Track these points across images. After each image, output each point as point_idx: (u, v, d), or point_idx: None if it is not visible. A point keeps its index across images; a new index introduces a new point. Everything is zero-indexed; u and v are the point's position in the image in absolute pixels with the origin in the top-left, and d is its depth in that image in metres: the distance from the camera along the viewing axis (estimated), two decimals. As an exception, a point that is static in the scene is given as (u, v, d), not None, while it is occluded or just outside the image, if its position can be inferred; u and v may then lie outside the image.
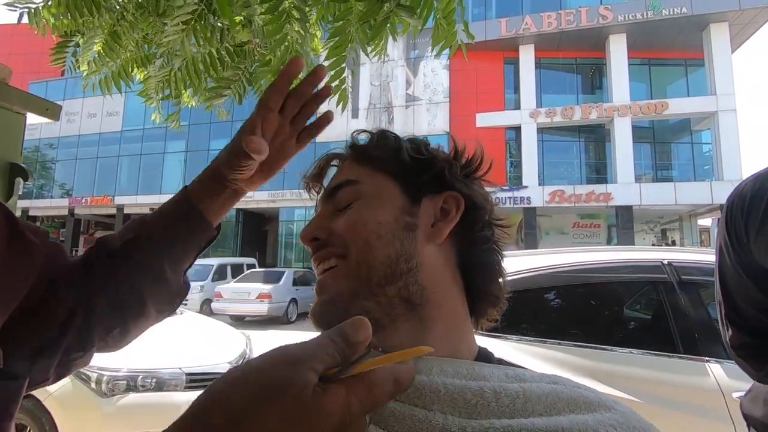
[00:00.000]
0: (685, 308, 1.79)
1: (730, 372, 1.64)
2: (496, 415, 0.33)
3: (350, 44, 1.25)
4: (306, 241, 0.47)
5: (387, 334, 0.40)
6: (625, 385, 1.67)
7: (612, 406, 0.35)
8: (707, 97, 15.39)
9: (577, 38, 16.47)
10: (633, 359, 1.76)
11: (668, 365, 1.73)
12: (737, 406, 1.58)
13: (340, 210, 0.46)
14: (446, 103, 17.46)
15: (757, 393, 0.76)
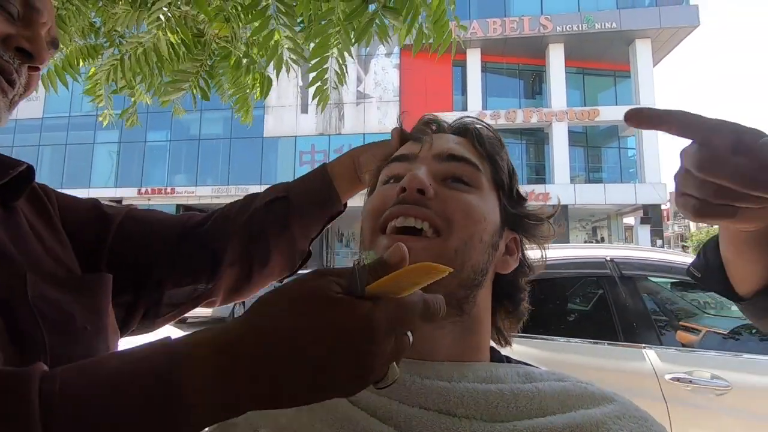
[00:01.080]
0: (625, 300, 1.96)
1: (662, 356, 1.83)
2: (517, 417, 0.35)
3: (334, 45, 1.23)
4: (411, 187, 0.39)
5: (430, 331, 0.40)
6: (571, 373, 1.80)
7: (612, 398, 0.38)
8: (632, 106, 16.77)
9: (520, 45, 17.29)
10: (579, 348, 1.90)
11: (610, 352, 1.88)
12: (669, 387, 1.77)
13: (454, 181, 0.42)
14: (396, 102, 17.63)
15: None
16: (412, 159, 0.44)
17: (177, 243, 0.56)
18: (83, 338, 0.40)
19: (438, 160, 0.43)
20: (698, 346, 2.21)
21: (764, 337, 2.27)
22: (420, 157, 0.44)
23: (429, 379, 0.37)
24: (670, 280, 2.37)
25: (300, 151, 17.85)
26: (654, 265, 2.16)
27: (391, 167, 0.45)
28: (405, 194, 0.39)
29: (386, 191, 0.43)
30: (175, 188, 18.37)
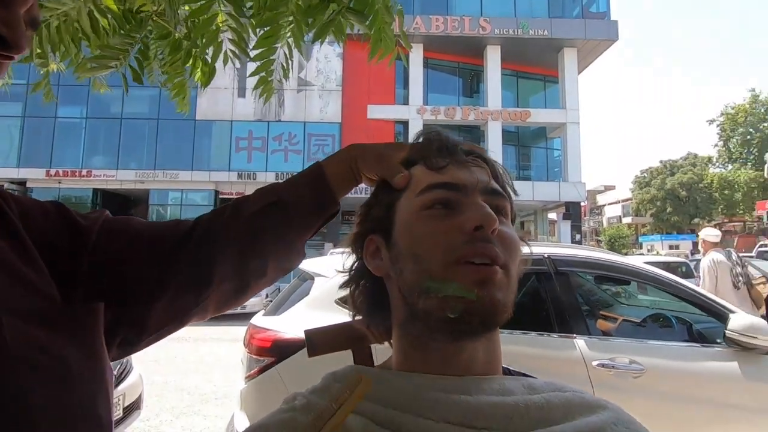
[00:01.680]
0: (560, 294, 2.13)
1: (590, 345, 2.02)
2: (531, 427, 0.38)
3: (283, 38, 1.18)
4: (489, 226, 0.40)
5: (470, 345, 0.42)
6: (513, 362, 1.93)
7: (605, 405, 0.43)
8: (559, 110, 18.09)
9: (460, 44, 17.83)
10: (519, 339, 2.04)
11: (546, 343, 2.05)
12: (596, 372, 1.96)
13: (497, 214, 0.42)
14: (339, 92, 17.42)
15: None
16: (463, 190, 0.44)
17: (166, 260, 0.50)
18: (81, 387, 0.34)
19: (485, 193, 0.44)
20: (615, 333, 2.47)
21: (665, 325, 2.59)
22: (469, 189, 0.44)
23: (453, 394, 0.39)
24: (594, 273, 2.62)
25: (236, 136, 17.02)
26: (583, 261, 2.37)
27: (432, 194, 0.44)
28: (482, 233, 0.40)
29: (445, 221, 0.43)
30: (92, 171, 16.69)
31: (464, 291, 0.39)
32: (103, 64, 1.35)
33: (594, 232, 37.64)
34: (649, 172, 30.86)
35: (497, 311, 0.40)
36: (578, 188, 17.51)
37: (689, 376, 2.00)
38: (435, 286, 0.40)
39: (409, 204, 0.45)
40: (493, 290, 0.40)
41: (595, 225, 40.01)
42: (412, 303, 0.42)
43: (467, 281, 0.39)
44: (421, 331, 0.43)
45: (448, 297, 0.39)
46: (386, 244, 0.46)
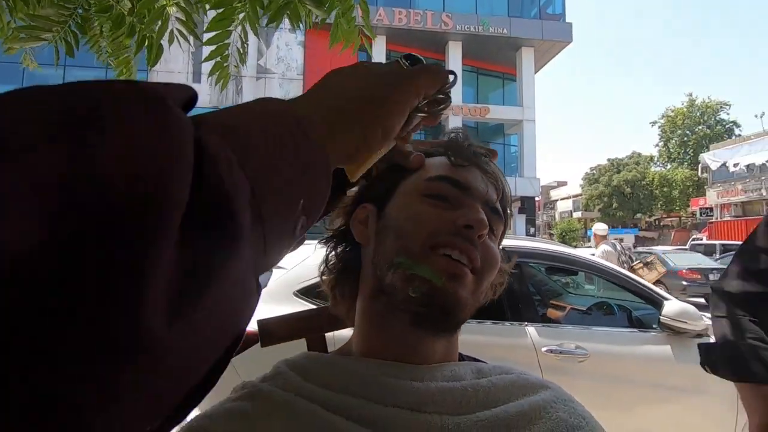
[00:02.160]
0: (512, 284, 2.22)
1: (540, 332, 2.12)
2: (479, 409, 0.40)
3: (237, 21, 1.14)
4: (478, 229, 0.42)
5: (430, 340, 0.44)
6: (469, 350, 2.00)
7: (546, 385, 0.46)
8: (517, 107, 18.69)
9: (423, 38, 17.96)
10: (472, 328, 2.11)
11: (500, 331, 2.13)
12: (545, 358, 2.06)
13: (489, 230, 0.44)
14: (300, 81, 17.08)
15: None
16: (470, 193, 0.45)
17: None
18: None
19: (486, 206, 0.46)
20: (563, 321, 2.60)
21: (608, 313, 2.77)
22: (472, 193, 0.46)
23: (404, 380, 0.40)
24: (546, 264, 2.75)
25: (191, 123, 16.31)
26: (535, 253, 2.48)
27: (438, 185, 0.45)
28: (470, 233, 0.42)
29: (441, 213, 0.44)
30: (29, 156, 15.49)
31: (433, 275, 0.40)
32: (34, 36, 1.25)
33: (547, 226, 39.41)
34: (597, 169, 32.61)
35: (458, 306, 0.41)
36: (533, 183, 18.23)
37: (628, 360, 2.15)
38: (407, 263, 0.41)
39: (415, 185, 0.46)
40: (459, 286, 0.41)
41: (548, 219, 41.89)
42: (381, 276, 0.43)
43: (439, 269, 0.41)
44: (384, 307, 0.44)
45: (416, 276, 0.41)
46: (377, 214, 0.47)
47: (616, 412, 2.04)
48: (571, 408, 0.43)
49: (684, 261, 10.55)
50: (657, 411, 2.06)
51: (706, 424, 2.05)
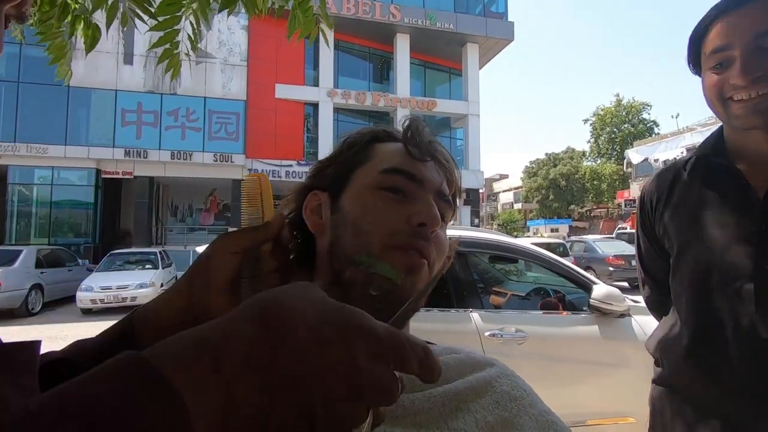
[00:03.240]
0: (458, 273, 2.31)
1: (483, 318, 2.23)
2: (430, 386, 0.43)
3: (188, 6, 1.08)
4: (431, 226, 0.43)
5: None
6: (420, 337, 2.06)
7: (491, 362, 0.50)
8: (462, 101, 19.21)
9: (371, 29, 17.86)
10: (421, 316, 2.18)
11: (446, 318, 2.21)
12: (488, 342, 2.17)
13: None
14: (244, 67, 16.36)
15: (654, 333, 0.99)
16: (419, 184, 0.46)
17: None
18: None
19: (437, 196, 0.47)
20: (505, 306, 2.75)
21: (545, 298, 2.96)
22: (426, 186, 0.47)
23: None
24: (489, 253, 2.88)
25: (122, 108, 15.06)
26: (479, 242, 2.59)
27: (393, 178, 0.46)
28: (424, 230, 0.43)
29: (396, 207, 0.44)
30: (-74, 141, 13.61)
31: (393, 273, 0.42)
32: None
33: (490, 217, 41.12)
34: (536, 163, 34.44)
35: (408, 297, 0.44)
36: (477, 176, 18.91)
37: (562, 340, 2.33)
38: (368, 261, 0.42)
39: (369, 177, 0.47)
40: (416, 279, 0.43)
41: (492, 210, 43.71)
42: (340, 270, 0.44)
43: (398, 265, 0.42)
44: (339, 298, 0.44)
45: (376, 275, 0.42)
46: (331, 204, 0.47)
47: (552, 388, 2.20)
48: (513, 382, 0.47)
49: (611, 248, 11.53)
50: (587, 384, 2.26)
51: (626, 393, 2.27)
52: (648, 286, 1.03)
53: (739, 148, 0.81)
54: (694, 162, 0.87)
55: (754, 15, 0.72)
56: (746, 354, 0.75)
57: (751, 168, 0.79)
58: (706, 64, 0.79)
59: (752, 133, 0.77)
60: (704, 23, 0.79)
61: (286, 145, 16.60)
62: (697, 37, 0.81)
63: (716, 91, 0.77)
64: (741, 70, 0.72)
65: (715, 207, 0.81)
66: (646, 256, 1.00)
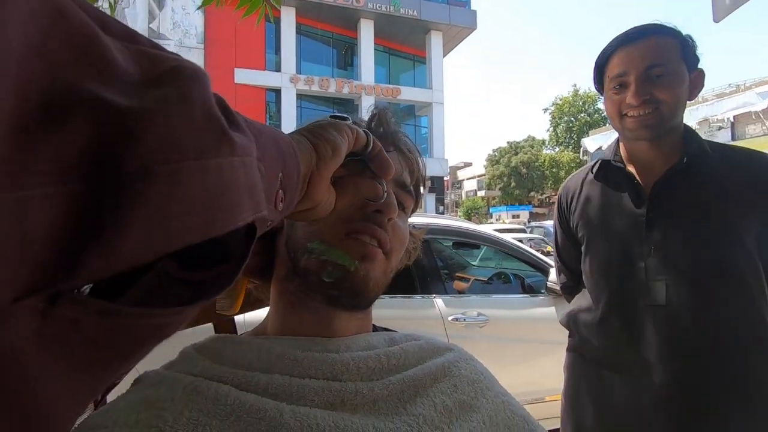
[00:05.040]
0: (422, 259, 2.34)
1: (447, 303, 2.28)
2: (390, 373, 0.43)
3: None
4: (388, 214, 0.43)
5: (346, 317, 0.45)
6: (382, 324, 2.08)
7: (450, 347, 0.51)
8: (426, 89, 19.30)
9: (335, 14, 17.51)
10: (385, 303, 2.20)
11: (410, 304, 2.25)
12: (451, 326, 2.22)
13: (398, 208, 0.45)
14: (200, 50, 15.65)
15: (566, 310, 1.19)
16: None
17: None
18: None
19: (397, 186, 0.47)
20: (468, 291, 2.82)
21: (506, 281, 3.07)
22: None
23: (319, 353, 0.41)
24: (452, 240, 2.93)
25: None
26: (443, 229, 2.63)
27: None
28: (379, 217, 0.43)
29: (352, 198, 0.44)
30: None
31: (346, 260, 0.41)
32: None
33: (455, 204, 41.85)
34: (498, 151, 35.25)
35: (368, 288, 0.43)
36: (442, 164, 19.14)
37: (522, 322, 2.42)
38: (320, 248, 0.42)
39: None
40: (371, 267, 0.43)
41: (456, 197, 44.49)
42: (295, 259, 0.44)
43: (352, 252, 0.42)
44: (298, 288, 0.44)
45: (329, 261, 0.42)
46: None
47: (513, 367, 2.30)
48: (471, 366, 0.49)
49: (568, 233, 12.00)
50: (544, 363, 2.36)
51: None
52: (563, 274, 1.21)
53: (631, 155, 0.99)
54: (599, 166, 1.05)
55: (645, 50, 0.90)
56: (646, 318, 0.92)
57: (640, 170, 0.97)
58: (608, 86, 0.96)
59: (640, 144, 0.95)
60: (607, 52, 0.96)
61: (248, 132, 16.08)
62: (601, 63, 0.98)
63: (615, 108, 0.95)
64: (634, 92, 0.90)
65: (615, 201, 0.99)
66: (562, 247, 1.17)
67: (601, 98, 1.03)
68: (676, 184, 0.92)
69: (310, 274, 0.43)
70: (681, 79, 0.90)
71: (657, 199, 0.93)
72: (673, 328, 0.89)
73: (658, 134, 0.91)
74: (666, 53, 0.89)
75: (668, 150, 0.94)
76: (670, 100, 0.89)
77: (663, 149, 0.94)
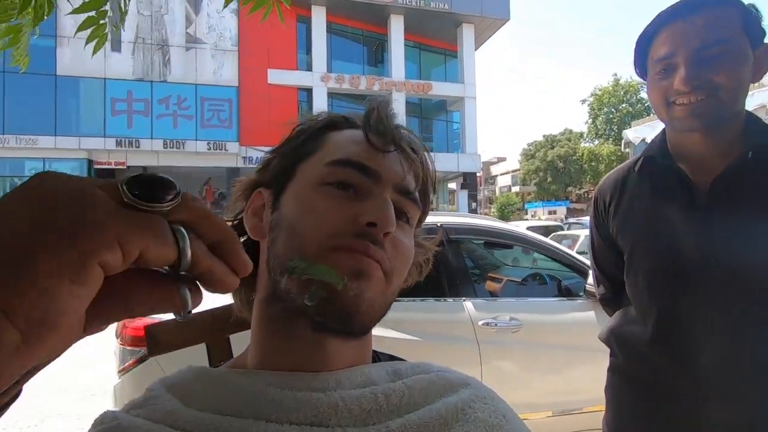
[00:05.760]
0: (451, 261, 2.25)
1: (477, 306, 2.18)
2: (389, 417, 0.36)
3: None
4: (383, 228, 0.36)
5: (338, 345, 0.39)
6: (410, 329, 2.02)
7: (466, 382, 0.43)
8: (458, 84, 18.94)
9: (365, 10, 17.48)
10: (414, 306, 2.12)
11: (439, 307, 2.16)
12: (481, 331, 2.12)
13: (399, 218, 0.39)
14: (235, 53, 16.04)
15: (608, 325, 1.05)
16: (377, 179, 0.39)
17: None
18: None
19: (398, 191, 0.40)
20: (500, 292, 2.71)
21: (541, 283, 2.92)
22: (384, 181, 0.39)
23: (302, 392, 0.35)
24: (482, 240, 2.82)
25: (112, 97, 14.81)
26: (474, 229, 2.52)
27: (342, 171, 0.39)
28: (373, 231, 0.37)
29: (341, 205, 0.37)
30: None
31: (332, 277, 0.34)
32: None
33: (488, 201, 41.09)
34: (533, 145, 34.23)
35: (359, 311, 0.36)
36: (474, 159, 18.77)
37: (557, 327, 2.28)
38: (301, 266, 0.35)
39: (315, 170, 0.40)
40: (365, 286, 0.36)
41: (489, 194, 43.66)
42: (276, 280, 0.37)
43: (342, 267, 0.35)
44: (281, 312, 0.38)
45: (312, 281, 0.35)
46: (273, 203, 0.41)
47: (548, 376, 2.17)
48: (491, 406, 0.41)
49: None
50: (583, 371, 2.22)
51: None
52: (602, 285, 1.07)
53: (681, 150, 0.86)
54: (642, 163, 0.91)
55: (697, 27, 0.76)
56: (704, 340, 0.79)
57: (693, 168, 0.84)
58: (652, 69, 0.84)
59: (692, 135, 0.82)
60: (651, 30, 0.83)
61: (280, 132, 16.20)
62: (644, 43, 0.85)
63: (661, 96, 0.82)
64: (684, 77, 0.77)
65: (664, 205, 0.86)
66: (600, 255, 1.04)
67: (643, 86, 0.90)
68: (739, 183, 0.78)
69: (293, 298, 0.36)
70: (743, 58, 0.75)
71: (716, 200, 0.79)
72: (737, 352, 0.76)
73: (714, 124, 0.77)
74: (724, 28, 0.75)
75: (726, 142, 0.80)
76: (730, 84, 0.75)
77: (720, 142, 0.80)
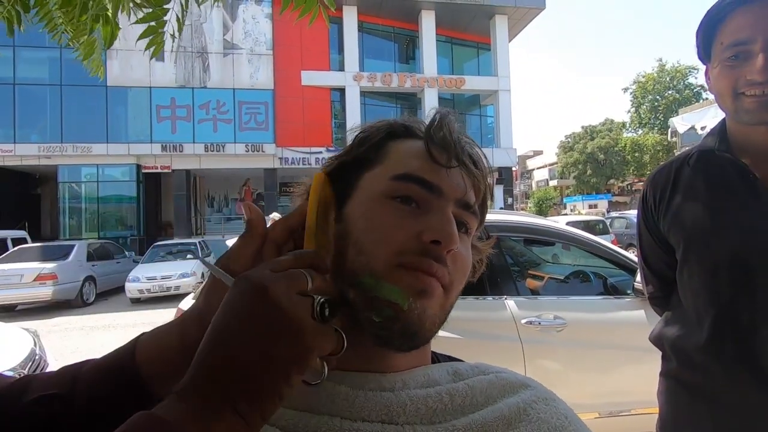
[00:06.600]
0: (491, 258, 2.23)
1: (519, 304, 2.15)
2: (454, 416, 0.38)
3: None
4: (446, 247, 0.37)
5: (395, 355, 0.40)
6: (452, 327, 2.02)
7: (527, 383, 0.44)
8: (492, 77, 18.56)
9: (395, 7, 17.45)
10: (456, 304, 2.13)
11: (480, 305, 2.15)
12: (524, 330, 2.10)
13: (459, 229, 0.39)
14: (270, 56, 16.45)
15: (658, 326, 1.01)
16: (439, 194, 0.40)
17: None
18: None
19: (459, 205, 0.41)
20: (542, 290, 2.65)
21: (585, 281, 2.83)
22: (445, 196, 0.40)
23: (373, 391, 0.38)
24: (521, 237, 2.77)
25: (157, 105, 15.59)
26: (513, 226, 2.49)
27: (405, 186, 0.40)
28: (437, 249, 0.37)
29: (405, 221, 0.39)
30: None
31: (398, 296, 0.37)
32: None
33: (524, 195, 40.08)
34: (572, 137, 33.03)
35: (423, 327, 0.38)
36: (510, 154, 18.35)
37: (604, 326, 2.21)
38: (371, 283, 0.38)
39: (379, 183, 0.41)
40: (427, 304, 0.38)
41: (526, 188, 42.56)
42: (343, 289, 0.39)
43: (406, 287, 0.37)
44: (347, 319, 0.39)
45: (380, 298, 0.37)
46: (336, 208, 0.42)
47: (594, 376, 2.11)
48: (553, 407, 0.41)
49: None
50: (632, 372, 2.14)
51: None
52: (651, 284, 1.03)
53: (743, 142, 0.81)
54: (698, 156, 0.87)
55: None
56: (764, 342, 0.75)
57: (756, 161, 0.79)
58: (720, 54, 0.77)
59: (759, 129, 0.77)
60: (721, 11, 0.76)
61: (315, 132, 16.68)
62: (711, 25, 0.78)
63: (729, 84, 0.76)
64: (762, 66, 0.71)
65: (723, 200, 0.82)
66: (650, 253, 1.00)
67: (692, 71, 0.83)
68: None
69: (359, 310, 0.38)
70: None
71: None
72: None
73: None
74: None
75: None
76: None
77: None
